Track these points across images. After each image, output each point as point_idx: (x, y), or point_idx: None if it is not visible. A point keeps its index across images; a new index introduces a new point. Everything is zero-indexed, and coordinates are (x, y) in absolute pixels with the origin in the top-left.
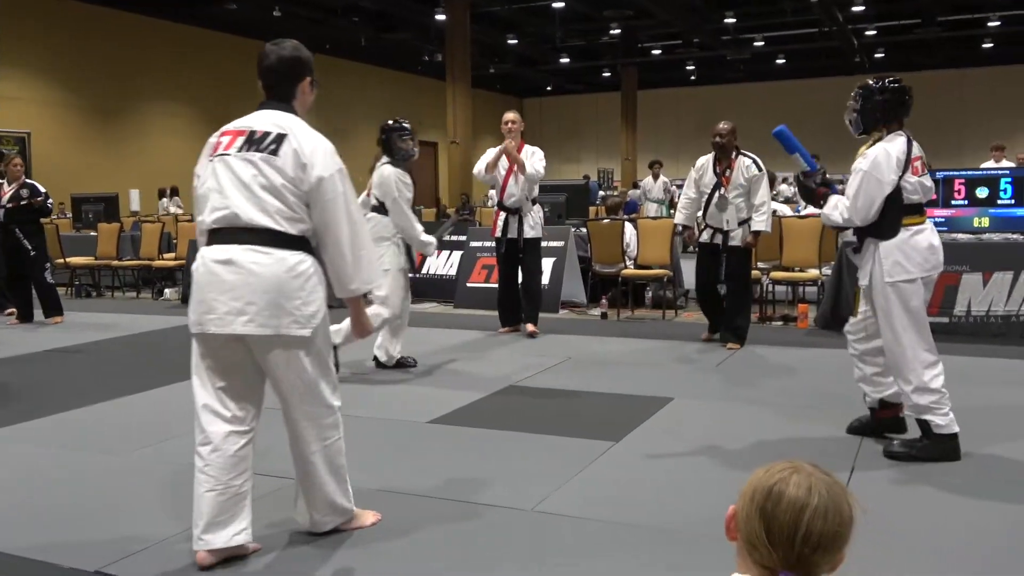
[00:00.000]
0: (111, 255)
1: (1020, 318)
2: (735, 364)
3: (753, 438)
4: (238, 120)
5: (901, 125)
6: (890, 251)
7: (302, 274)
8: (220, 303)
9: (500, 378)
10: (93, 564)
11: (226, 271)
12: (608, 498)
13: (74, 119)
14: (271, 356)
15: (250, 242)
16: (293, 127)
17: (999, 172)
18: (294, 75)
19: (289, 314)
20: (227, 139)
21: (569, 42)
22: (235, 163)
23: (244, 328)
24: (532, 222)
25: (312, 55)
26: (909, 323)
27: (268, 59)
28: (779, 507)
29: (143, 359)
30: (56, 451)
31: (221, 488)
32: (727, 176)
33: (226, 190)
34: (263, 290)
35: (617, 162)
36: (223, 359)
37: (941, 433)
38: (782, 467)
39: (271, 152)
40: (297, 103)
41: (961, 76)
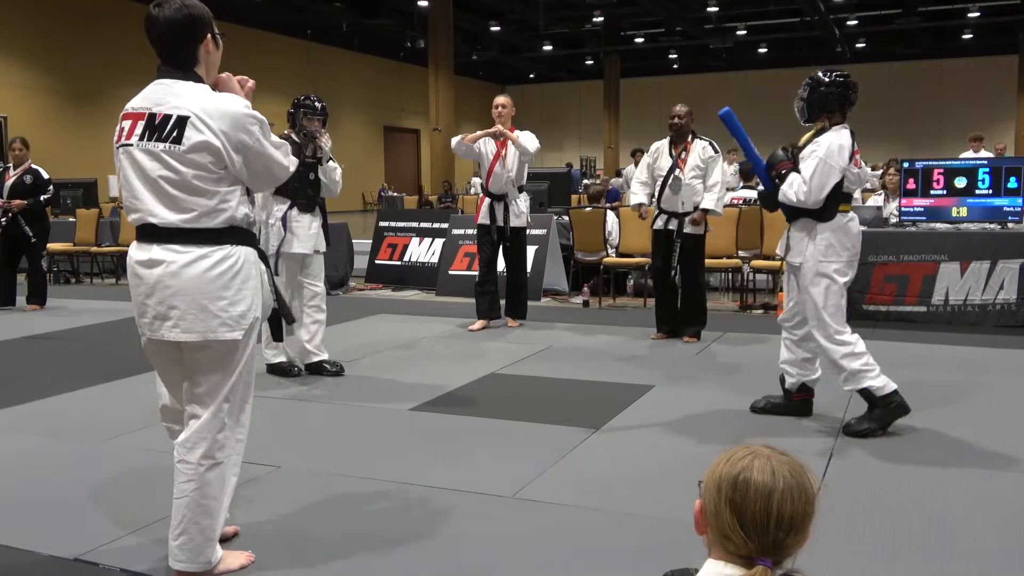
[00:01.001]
0: (90, 241)
1: (996, 307)
2: (715, 352)
3: (733, 425)
4: (139, 96)
5: (844, 117)
6: (826, 234)
7: (227, 271)
8: (147, 307)
9: (481, 366)
10: (72, 551)
11: (147, 272)
12: (588, 485)
13: (51, 103)
14: (197, 359)
15: (168, 241)
16: (193, 104)
17: (977, 162)
18: (189, 38)
19: (215, 316)
20: (128, 124)
21: (552, 30)
22: (139, 156)
23: (171, 334)
24: (518, 210)
25: (207, 8)
26: (833, 301)
27: (156, 27)
28: (748, 496)
29: (121, 346)
30: (33, 439)
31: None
32: (683, 158)
33: (135, 189)
34: (184, 292)
35: (600, 150)
36: (162, 363)
37: (883, 395)
38: (741, 454)
39: (174, 140)
40: (200, 68)
41: (940, 66)
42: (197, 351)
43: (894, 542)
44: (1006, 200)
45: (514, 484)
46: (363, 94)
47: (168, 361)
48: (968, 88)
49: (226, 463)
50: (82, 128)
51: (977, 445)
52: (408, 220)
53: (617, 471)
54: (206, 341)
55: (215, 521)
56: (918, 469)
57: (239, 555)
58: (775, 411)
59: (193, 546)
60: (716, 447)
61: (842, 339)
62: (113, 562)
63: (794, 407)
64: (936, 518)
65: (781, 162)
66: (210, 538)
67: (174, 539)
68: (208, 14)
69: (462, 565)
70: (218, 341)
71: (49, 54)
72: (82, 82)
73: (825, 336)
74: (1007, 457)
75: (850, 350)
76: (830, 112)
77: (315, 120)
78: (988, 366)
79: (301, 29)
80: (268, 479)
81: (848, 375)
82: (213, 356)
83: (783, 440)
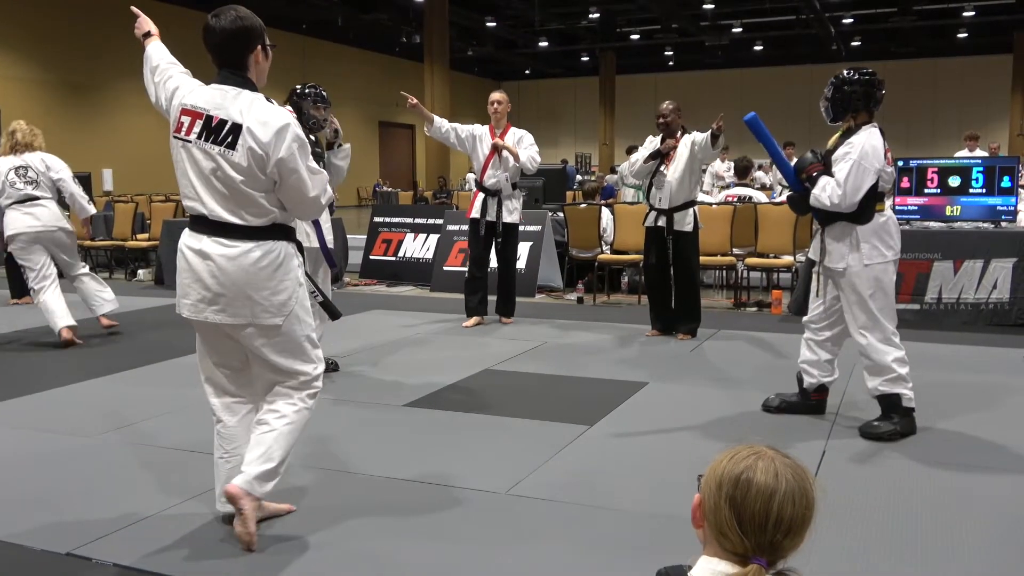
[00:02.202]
0: (83, 235)
1: (989, 306)
2: (710, 349)
3: (727, 422)
4: (198, 93)
5: (871, 116)
6: (868, 236)
7: (269, 265)
8: (193, 290)
9: (475, 362)
10: (64, 546)
11: (197, 261)
12: (582, 481)
13: (45, 96)
14: (244, 336)
15: (218, 235)
16: (247, 114)
17: (971, 161)
18: (242, 48)
19: (258, 304)
20: (187, 120)
21: (548, 26)
22: (197, 153)
23: (216, 317)
24: (512, 207)
25: (259, 20)
26: (885, 302)
27: (213, 36)
28: (749, 495)
29: (115, 341)
30: (25, 433)
31: (227, 456)
32: (670, 156)
33: (193, 182)
34: (232, 283)
35: (595, 147)
36: (206, 337)
37: (909, 407)
38: (745, 454)
39: (228, 146)
40: (251, 74)
41: (935, 65)
42: (240, 330)
43: (892, 540)
44: (999, 199)
45: (508, 480)
46: (358, 89)
47: (217, 335)
48: (963, 87)
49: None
50: (76, 121)
51: (971, 444)
52: (403, 216)
53: (611, 467)
54: (250, 324)
55: (286, 456)
56: (912, 467)
57: (283, 505)
58: (790, 410)
59: (263, 473)
60: (709, 443)
61: (897, 342)
62: (106, 557)
63: (812, 406)
64: (934, 516)
65: (811, 164)
66: (277, 470)
67: (252, 465)
68: (260, 26)
69: (456, 561)
70: (261, 324)
71: (43, 46)
72: (76, 75)
73: (881, 339)
74: (1002, 456)
75: (902, 355)
76: (855, 111)
77: (322, 108)
78: (981, 365)
79: (296, 23)
80: None
81: (893, 378)
82: (267, 340)
83: (776, 437)
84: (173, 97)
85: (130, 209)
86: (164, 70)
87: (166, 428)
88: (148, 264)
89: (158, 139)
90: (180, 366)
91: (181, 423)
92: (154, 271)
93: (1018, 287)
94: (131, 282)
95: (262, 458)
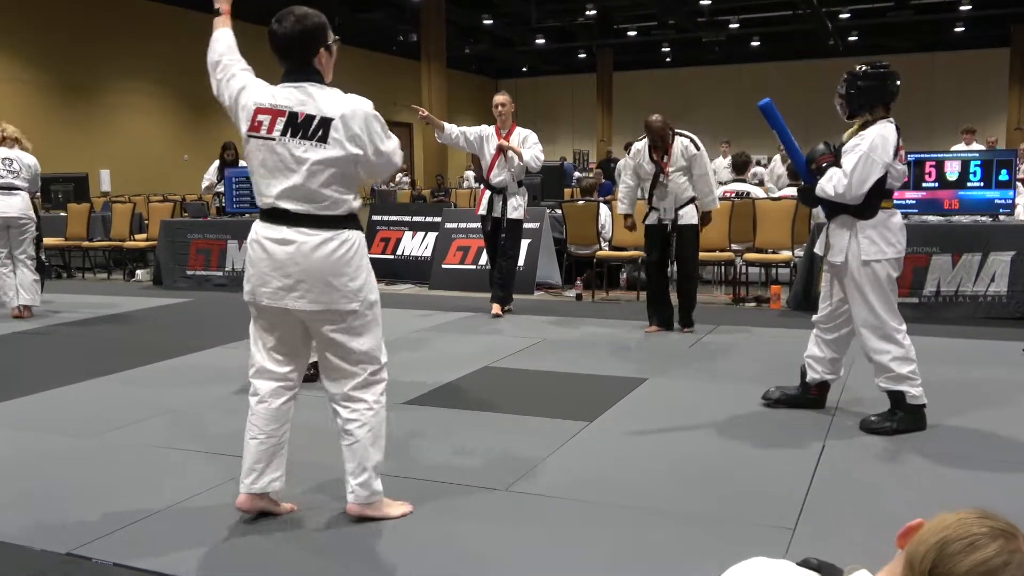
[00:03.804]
0: (81, 236)
1: (987, 299)
2: (708, 345)
3: (725, 417)
4: (270, 92)
5: (888, 111)
6: (867, 230)
7: (347, 252)
8: (273, 279)
9: (475, 359)
10: (65, 546)
11: (278, 249)
12: (581, 478)
13: (42, 97)
14: (323, 326)
15: (299, 224)
16: (334, 107)
17: (969, 155)
18: (307, 50)
19: (337, 290)
20: (266, 119)
21: (545, 23)
22: (281, 150)
23: (295, 304)
24: (516, 203)
25: (323, 19)
26: (884, 298)
27: (277, 41)
28: (959, 558)
29: (113, 341)
30: (24, 434)
31: (263, 437)
32: (665, 162)
33: (276, 176)
34: (312, 270)
35: (593, 144)
36: (274, 324)
37: (914, 404)
38: (999, 525)
39: (319, 140)
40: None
41: (932, 59)
42: (323, 324)
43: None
44: (997, 192)
45: (508, 477)
46: (355, 88)
47: (285, 323)
48: (960, 81)
49: (385, 407)
50: (72, 122)
51: (975, 439)
52: (401, 214)
53: (610, 464)
54: (328, 310)
55: (383, 456)
56: (910, 460)
57: (400, 504)
58: (790, 403)
59: (369, 480)
60: (708, 439)
61: (899, 339)
62: (106, 557)
63: (811, 400)
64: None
65: (822, 155)
66: (379, 472)
67: (355, 477)
68: (323, 26)
69: (455, 557)
70: (338, 310)
71: (38, 47)
72: (73, 76)
73: (882, 336)
74: (1000, 450)
75: (904, 354)
76: (871, 106)
77: None
78: (980, 359)
79: None
80: None
81: (893, 376)
82: (346, 327)
83: (775, 431)
84: (239, 97)
85: (128, 210)
86: (227, 67)
87: (165, 428)
88: (146, 264)
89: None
90: (179, 366)
91: (179, 423)
92: (152, 271)
93: (1016, 280)
94: (129, 283)
95: (356, 471)
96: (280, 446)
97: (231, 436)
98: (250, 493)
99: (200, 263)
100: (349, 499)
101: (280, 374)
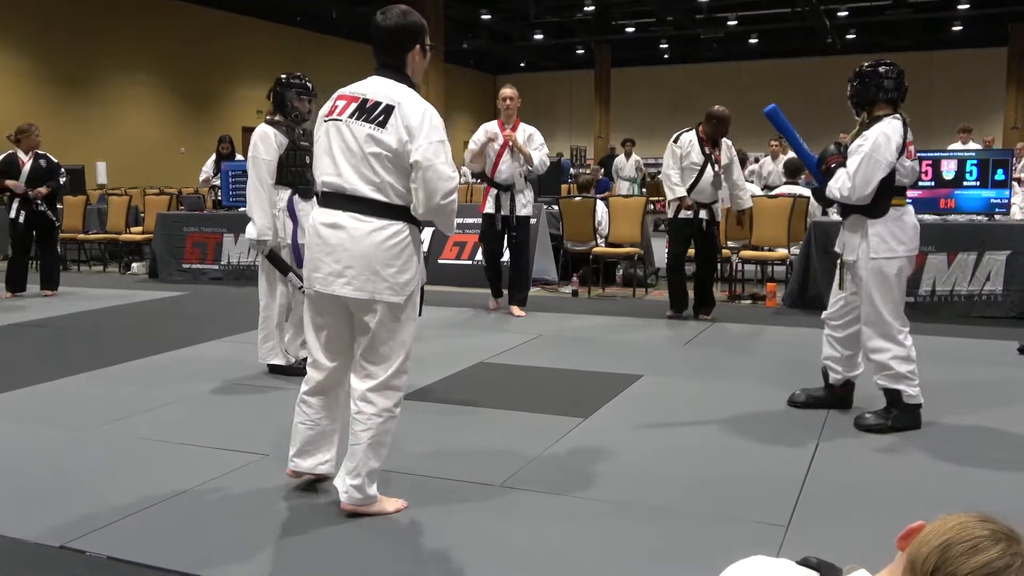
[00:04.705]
0: (77, 228)
1: (983, 298)
2: (704, 342)
3: (720, 414)
4: (355, 84)
5: (895, 108)
6: (878, 230)
7: (398, 243)
8: (324, 264)
9: (470, 355)
10: (58, 539)
11: (331, 234)
12: (576, 474)
13: (38, 89)
14: (365, 315)
15: (354, 210)
16: (403, 99)
17: (965, 154)
18: (401, 45)
19: (384, 280)
20: (342, 103)
21: (543, 19)
22: (345, 130)
23: (342, 290)
24: (525, 200)
25: (422, 20)
26: (890, 297)
27: (377, 33)
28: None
29: (109, 334)
30: (17, 427)
31: (311, 424)
32: (717, 154)
33: (336, 157)
34: (361, 255)
35: (590, 140)
36: (325, 313)
37: (911, 403)
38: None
39: (379, 124)
40: (409, 71)
41: (930, 58)
42: (366, 313)
43: (886, 534)
44: (993, 192)
45: (502, 473)
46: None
47: (336, 313)
48: (957, 80)
49: (397, 416)
50: (68, 114)
51: (965, 437)
52: None
53: (605, 460)
54: (372, 300)
55: (381, 464)
56: (903, 458)
57: (394, 501)
58: (817, 404)
59: (361, 484)
60: (704, 436)
61: (900, 339)
62: (100, 550)
63: (838, 400)
64: (936, 512)
65: (830, 156)
66: (374, 479)
67: (351, 478)
68: (421, 26)
69: (450, 553)
70: (383, 302)
71: (35, 39)
72: (70, 67)
73: (883, 334)
74: (995, 449)
75: (905, 353)
76: (872, 103)
77: (306, 100)
78: (976, 357)
79: (291, 16)
80: (256, 466)
81: (891, 375)
82: (383, 320)
83: (773, 426)
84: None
85: (124, 202)
86: None
87: (160, 422)
88: (142, 257)
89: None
90: (175, 360)
91: (175, 417)
92: (148, 264)
93: (1011, 279)
94: (125, 275)
95: (352, 472)
96: (330, 433)
97: (227, 431)
98: (297, 471)
99: (196, 256)
100: (343, 498)
101: (329, 364)
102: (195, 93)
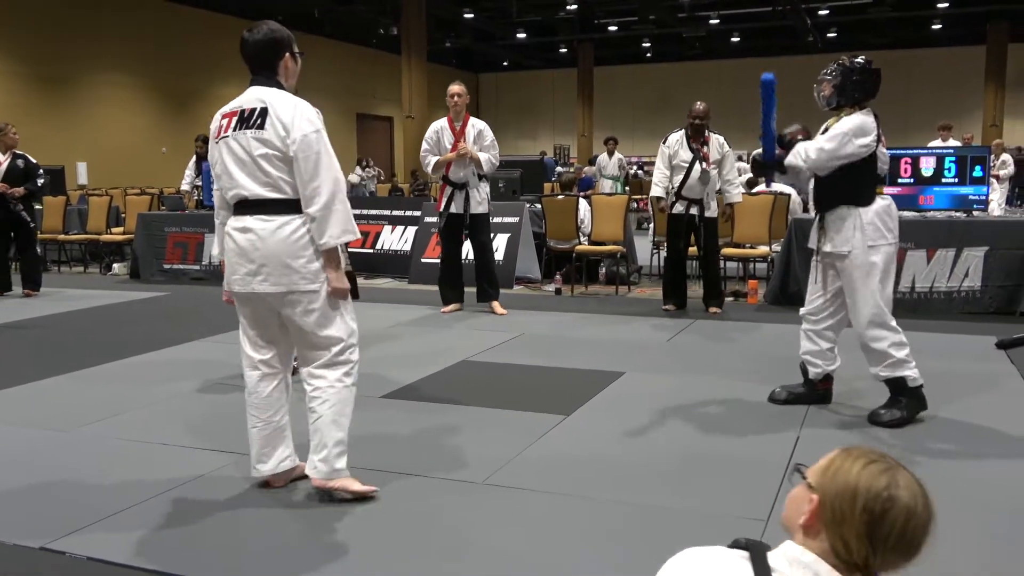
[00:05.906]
0: (57, 229)
1: (961, 294)
2: (686, 339)
3: (702, 410)
4: (233, 101)
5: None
6: (871, 218)
7: (304, 235)
8: (241, 266)
9: (453, 353)
10: (38, 540)
11: (242, 238)
12: (558, 471)
13: (18, 88)
14: (286, 308)
15: (258, 212)
16: (274, 99)
17: (943, 151)
18: (271, 55)
19: (297, 272)
20: (225, 122)
21: (526, 17)
22: (233, 144)
23: (260, 287)
24: (479, 197)
25: (287, 32)
26: (885, 284)
27: (246, 47)
28: (891, 513)
29: (90, 335)
30: (0, 428)
31: (262, 424)
32: (705, 151)
33: (231, 171)
34: (272, 253)
35: (573, 138)
36: (251, 312)
37: (915, 386)
38: (882, 466)
39: (258, 127)
40: (281, 77)
41: (910, 56)
42: (288, 307)
43: None
44: (971, 188)
45: (485, 470)
46: (335, 81)
47: (263, 311)
48: (937, 78)
49: (352, 387)
50: (48, 114)
51: (945, 430)
52: (380, 208)
53: (587, 457)
54: (289, 292)
55: (344, 435)
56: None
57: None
58: (798, 401)
59: (329, 457)
60: (686, 431)
61: (893, 325)
62: (79, 551)
63: (818, 396)
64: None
65: (797, 130)
66: (341, 452)
67: (316, 453)
68: (288, 37)
69: (433, 550)
70: (299, 292)
71: (15, 38)
72: (50, 67)
73: (880, 323)
74: (975, 442)
75: (899, 339)
76: (860, 98)
77: None
78: (956, 353)
79: (273, 15)
80: (237, 466)
81: (892, 363)
82: (307, 309)
83: (753, 421)
84: None
85: (105, 203)
86: None
87: (140, 423)
88: (123, 258)
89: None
90: (156, 360)
91: (155, 417)
92: (129, 265)
93: (990, 275)
94: (106, 276)
95: (318, 447)
96: (281, 429)
97: (208, 431)
98: (263, 476)
99: (177, 256)
100: (311, 473)
101: (262, 360)
102: (176, 93)
